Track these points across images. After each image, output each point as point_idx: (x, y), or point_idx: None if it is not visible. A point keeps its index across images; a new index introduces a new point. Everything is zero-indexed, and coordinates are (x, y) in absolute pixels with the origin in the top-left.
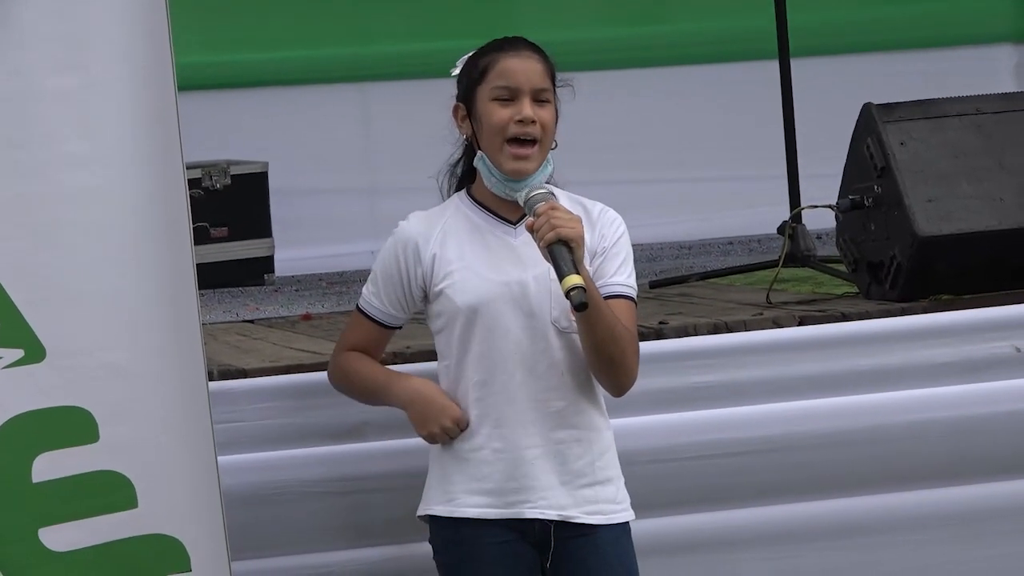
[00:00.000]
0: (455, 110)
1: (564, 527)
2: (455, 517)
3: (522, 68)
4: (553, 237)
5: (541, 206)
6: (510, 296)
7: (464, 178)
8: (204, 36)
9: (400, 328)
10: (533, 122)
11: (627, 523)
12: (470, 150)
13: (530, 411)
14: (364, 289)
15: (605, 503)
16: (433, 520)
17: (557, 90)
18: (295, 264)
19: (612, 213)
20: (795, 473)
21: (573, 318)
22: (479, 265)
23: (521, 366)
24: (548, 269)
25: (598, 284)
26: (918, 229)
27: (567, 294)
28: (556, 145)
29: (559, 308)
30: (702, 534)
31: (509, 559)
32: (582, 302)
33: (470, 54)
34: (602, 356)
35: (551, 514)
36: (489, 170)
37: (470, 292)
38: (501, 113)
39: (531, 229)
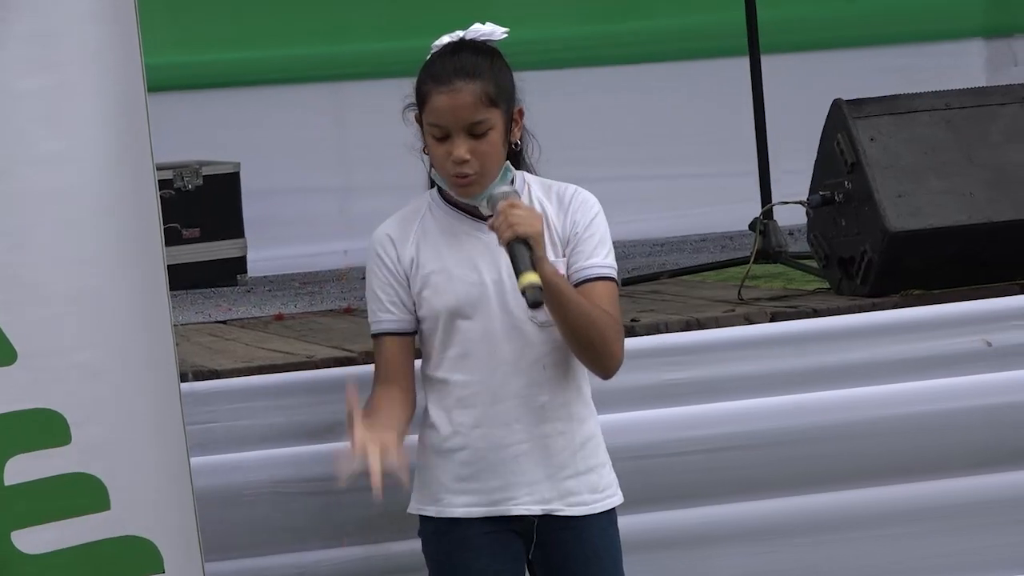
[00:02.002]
0: (416, 118)
1: (549, 519)
2: (443, 518)
3: (450, 106)
4: (511, 235)
5: (501, 204)
6: (488, 295)
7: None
8: (176, 36)
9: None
10: (465, 161)
11: (612, 510)
12: None
13: (514, 408)
14: (369, 317)
15: (588, 493)
16: (423, 518)
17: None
18: (268, 264)
19: (584, 195)
20: (768, 469)
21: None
22: (455, 266)
23: (503, 364)
24: None
25: (575, 267)
26: (888, 224)
27: (522, 292)
28: (519, 146)
29: None
30: (678, 530)
31: (496, 546)
32: (536, 301)
33: (441, 42)
34: (581, 342)
35: (535, 509)
36: (446, 185)
37: (448, 294)
38: (438, 150)
39: (492, 228)
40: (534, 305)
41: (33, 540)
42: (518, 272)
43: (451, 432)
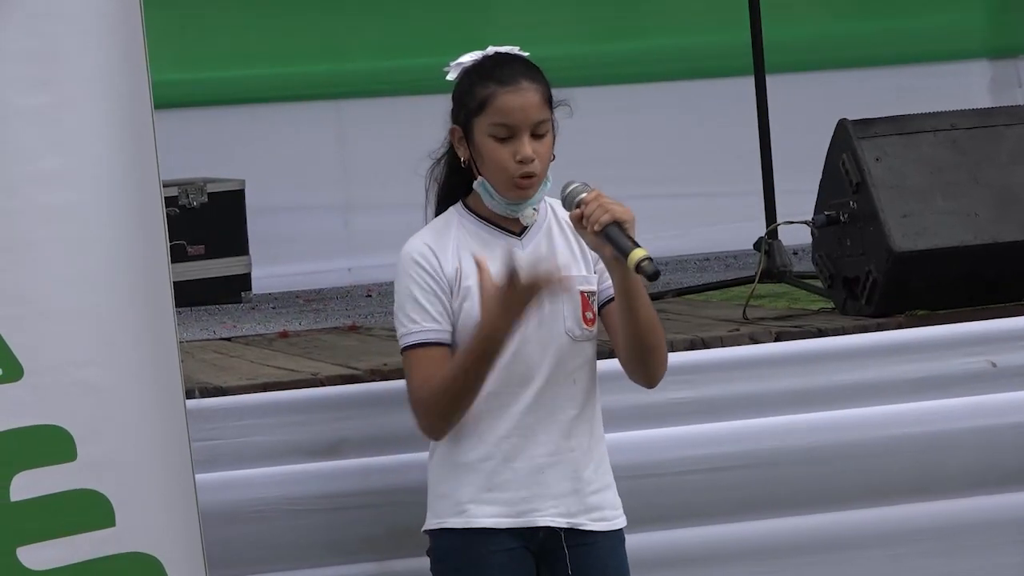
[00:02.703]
0: (452, 132)
1: (570, 534)
2: (467, 528)
3: (520, 105)
4: (608, 219)
5: (588, 195)
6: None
7: (453, 182)
8: (179, 54)
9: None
10: (532, 160)
11: (622, 529)
12: (458, 163)
13: (544, 421)
14: (402, 329)
15: (609, 509)
16: (444, 531)
17: (555, 109)
18: (272, 282)
19: None
20: (772, 489)
21: (587, 327)
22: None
23: (536, 377)
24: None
25: (605, 284)
26: (893, 244)
27: (637, 267)
28: (554, 158)
29: (572, 317)
30: (679, 550)
31: (513, 564)
32: (655, 271)
33: (465, 60)
34: (645, 344)
35: (561, 522)
36: (491, 195)
37: None
38: (502, 152)
39: (578, 219)
40: (652, 276)
41: (38, 556)
42: (626, 250)
43: (478, 442)
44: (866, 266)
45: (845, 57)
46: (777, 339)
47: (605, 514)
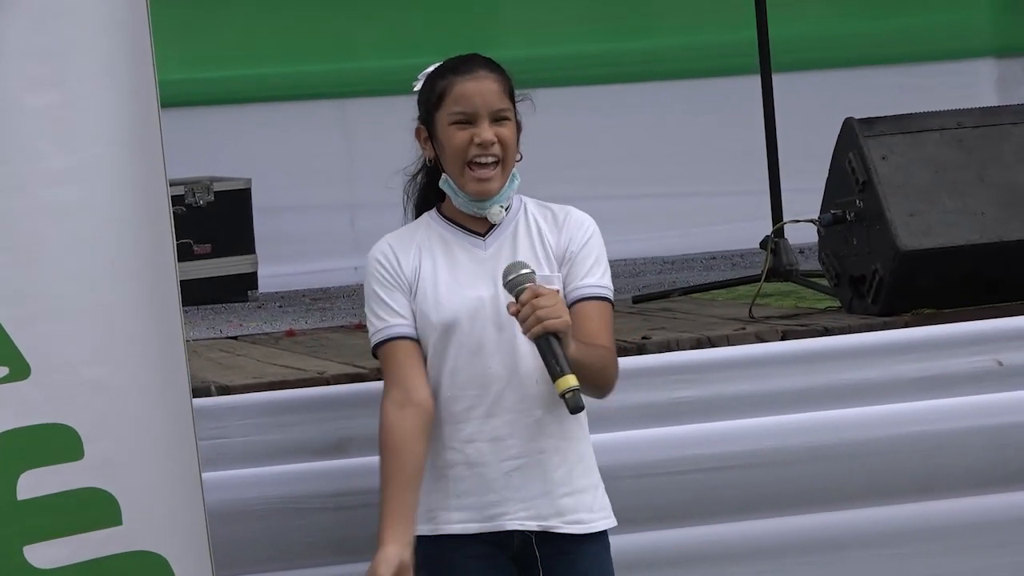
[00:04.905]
0: (417, 132)
1: (545, 539)
2: (438, 535)
3: (478, 91)
4: (540, 331)
5: (525, 294)
6: (481, 311)
7: (428, 194)
8: (185, 53)
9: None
10: (493, 143)
11: (605, 532)
12: (433, 170)
13: (508, 423)
14: (371, 328)
15: (584, 512)
16: (417, 539)
17: (517, 104)
18: (278, 280)
19: (579, 215)
20: (778, 487)
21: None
22: (451, 281)
23: (495, 380)
24: None
25: (570, 287)
26: (900, 243)
27: (562, 396)
28: (521, 157)
29: None
30: (685, 549)
31: (492, 571)
32: (577, 406)
33: (429, 70)
34: (587, 381)
35: (531, 525)
36: (455, 192)
37: (443, 308)
38: (460, 136)
39: (515, 315)
40: (575, 410)
41: (45, 555)
42: (554, 374)
43: (443, 448)
44: (872, 265)
45: (851, 56)
46: (783, 338)
47: (580, 517)
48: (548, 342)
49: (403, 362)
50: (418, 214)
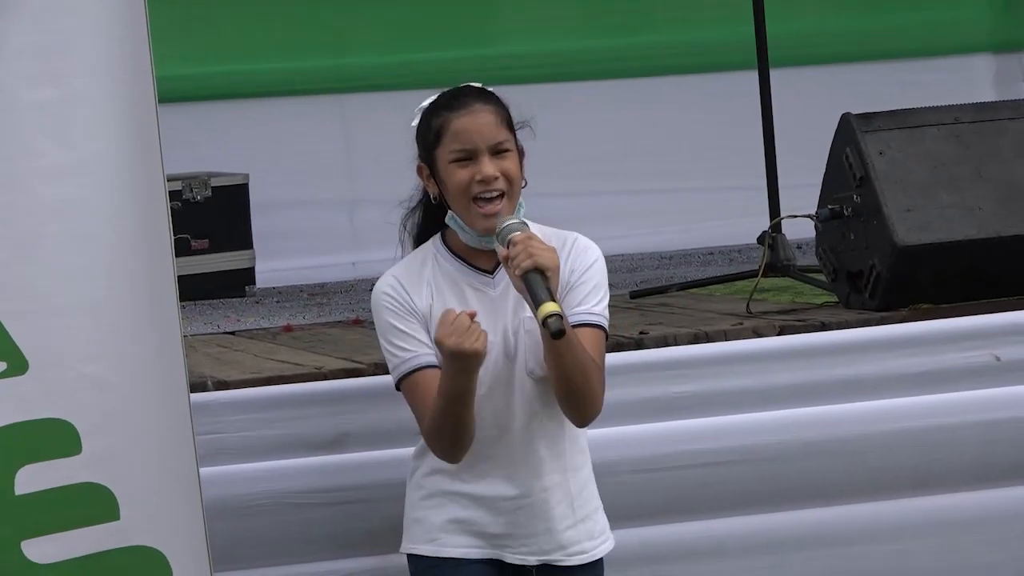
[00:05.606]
0: (419, 170)
1: (545, 569)
2: (439, 556)
3: (474, 126)
4: (530, 265)
5: (517, 235)
6: (493, 350)
7: (427, 228)
8: (183, 48)
9: None
10: (496, 178)
11: (600, 559)
12: (430, 204)
13: (514, 464)
14: (394, 360)
15: (587, 540)
16: (415, 556)
17: (517, 132)
18: (276, 276)
19: (584, 242)
20: (775, 482)
21: (544, 361)
22: None
23: (500, 417)
24: (522, 321)
25: (567, 312)
26: (897, 239)
27: (543, 321)
28: (526, 183)
29: (534, 359)
30: (683, 543)
31: None
32: (559, 329)
33: (424, 105)
34: (568, 386)
35: (532, 560)
36: (462, 228)
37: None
38: (462, 174)
39: (506, 259)
40: (556, 335)
41: (43, 550)
42: (538, 301)
43: (451, 479)
44: (870, 260)
45: (849, 51)
46: (780, 333)
47: (583, 546)
48: (535, 277)
49: (432, 396)
50: (416, 246)
